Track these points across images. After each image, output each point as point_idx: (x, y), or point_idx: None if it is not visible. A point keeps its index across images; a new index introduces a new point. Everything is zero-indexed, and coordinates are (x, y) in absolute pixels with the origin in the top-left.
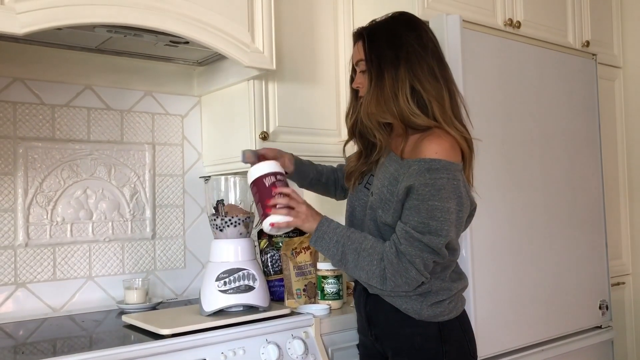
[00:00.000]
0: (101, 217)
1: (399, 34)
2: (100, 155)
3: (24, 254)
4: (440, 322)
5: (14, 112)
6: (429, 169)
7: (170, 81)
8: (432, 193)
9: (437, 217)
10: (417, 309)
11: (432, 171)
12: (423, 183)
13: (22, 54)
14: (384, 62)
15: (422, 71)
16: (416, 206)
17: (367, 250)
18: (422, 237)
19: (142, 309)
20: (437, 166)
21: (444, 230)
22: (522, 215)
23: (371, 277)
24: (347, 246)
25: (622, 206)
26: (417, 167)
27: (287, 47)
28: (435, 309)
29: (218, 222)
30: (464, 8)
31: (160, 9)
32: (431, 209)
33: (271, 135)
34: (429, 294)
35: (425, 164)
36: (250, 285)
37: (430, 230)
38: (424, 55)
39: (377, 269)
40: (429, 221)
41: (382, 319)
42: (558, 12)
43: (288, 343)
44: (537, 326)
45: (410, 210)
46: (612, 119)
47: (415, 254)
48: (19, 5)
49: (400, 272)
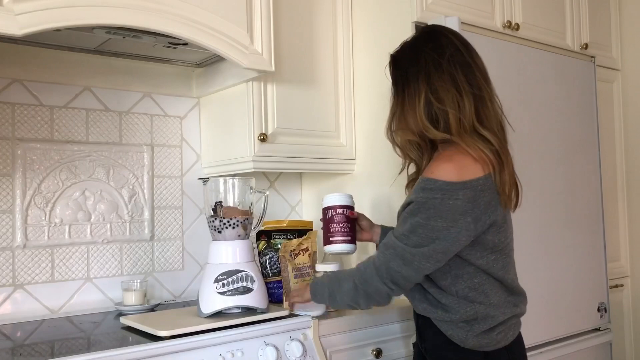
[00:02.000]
0: (99, 219)
1: (418, 48)
2: (98, 156)
3: (22, 256)
4: (486, 351)
5: (12, 113)
6: (423, 188)
7: (169, 83)
8: (420, 210)
9: (418, 233)
10: (462, 337)
11: (426, 191)
12: (416, 199)
13: (21, 55)
14: (405, 80)
15: (440, 81)
16: (404, 219)
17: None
18: (395, 244)
19: (141, 310)
20: (432, 186)
21: (422, 246)
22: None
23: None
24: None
25: (620, 208)
26: (419, 184)
27: (286, 49)
28: (481, 339)
29: (216, 224)
30: (462, 10)
31: (159, 11)
32: (415, 225)
33: (270, 136)
34: (475, 321)
35: (422, 183)
36: (249, 287)
37: (408, 242)
38: (442, 62)
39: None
40: (409, 234)
41: (430, 336)
42: (557, 15)
43: (286, 345)
44: (536, 328)
45: (398, 223)
46: (610, 121)
47: (382, 261)
48: (18, 7)
49: (367, 280)
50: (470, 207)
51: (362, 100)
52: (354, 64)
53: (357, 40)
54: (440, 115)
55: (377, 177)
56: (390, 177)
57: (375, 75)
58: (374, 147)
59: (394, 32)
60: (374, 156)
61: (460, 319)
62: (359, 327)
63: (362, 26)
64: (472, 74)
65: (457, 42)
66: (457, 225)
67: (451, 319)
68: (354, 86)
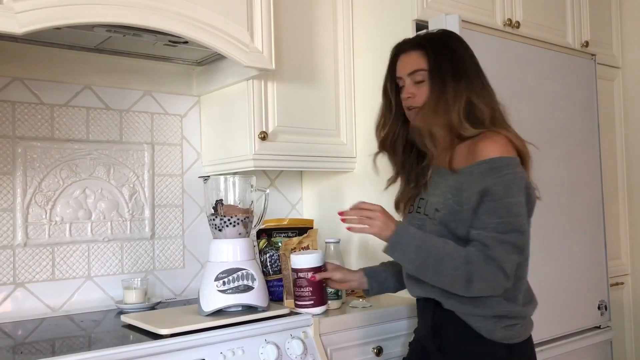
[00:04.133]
0: (100, 217)
1: (454, 48)
2: (99, 155)
3: (22, 254)
4: (510, 344)
5: (12, 111)
6: (492, 168)
7: (170, 81)
8: (504, 191)
9: (515, 214)
10: (490, 329)
11: (496, 169)
12: (492, 183)
13: (21, 53)
14: (447, 74)
15: (477, 85)
16: (492, 207)
17: (450, 254)
18: (507, 237)
19: (141, 308)
20: (500, 164)
21: (524, 225)
22: None
23: (455, 281)
24: (428, 252)
25: (621, 206)
26: (480, 169)
27: (287, 47)
28: (508, 331)
29: (217, 222)
30: (463, 8)
31: (159, 9)
32: (509, 206)
33: (270, 135)
34: (505, 318)
35: (488, 165)
36: (249, 285)
37: (513, 228)
38: (477, 69)
39: (462, 273)
40: (509, 219)
41: (450, 332)
42: (557, 13)
43: (287, 343)
44: (536, 326)
45: (487, 214)
46: (611, 119)
47: (504, 258)
48: (18, 5)
49: (488, 276)
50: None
51: (362, 98)
52: (354, 61)
53: (358, 38)
54: (477, 115)
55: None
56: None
57: (375, 73)
58: (375, 146)
59: (395, 30)
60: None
61: (491, 314)
62: (359, 325)
63: (363, 24)
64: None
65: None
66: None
67: (482, 313)
68: (355, 84)
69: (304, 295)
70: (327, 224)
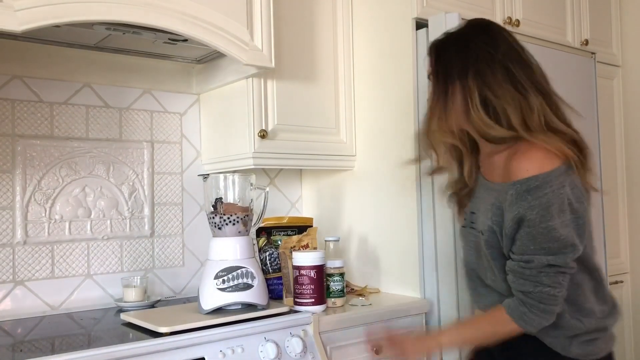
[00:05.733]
0: (100, 215)
1: (468, 39)
2: (98, 153)
3: (22, 252)
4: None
5: (12, 109)
6: (527, 190)
7: (169, 79)
8: (542, 214)
9: (555, 238)
10: (565, 345)
11: (532, 191)
12: (528, 207)
13: (21, 51)
14: (452, 74)
15: (493, 76)
16: (528, 233)
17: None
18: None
19: (141, 307)
20: (536, 183)
21: (567, 247)
22: None
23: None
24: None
25: (620, 204)
26: (515, 191)
27: (286, 45)
28: (586, 347)
29: (217, 220)
30: (463, 6)
31: (159, 7)
32: (547, 231)
33: (270, 133)
34: (584, 333)
35: (522, 186)
36: (249, 283)
37: (551, 252)
38: (496, 57)
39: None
40: (548, 245)
41: (518, 343)
42: (557, 11)
43: (287, 341)
44: None
45: (523, 240)
46: (610, 118)
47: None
48: (18, 3)
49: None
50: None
51: (362, 96)
52: (354, 60)
53: (358, 36)
54: (500, 112)
55: (377, 173)
56: (390, 173)
57: (375, 72)
58: (374, 144)
59: (394, 28)
60: (374, 153)
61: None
62: (359, 324)
63: (363, 22)
64: (532, 72)
65: (512, 39)
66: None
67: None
68: (354, 82)
69: (304, 293)
70: (327, 222)
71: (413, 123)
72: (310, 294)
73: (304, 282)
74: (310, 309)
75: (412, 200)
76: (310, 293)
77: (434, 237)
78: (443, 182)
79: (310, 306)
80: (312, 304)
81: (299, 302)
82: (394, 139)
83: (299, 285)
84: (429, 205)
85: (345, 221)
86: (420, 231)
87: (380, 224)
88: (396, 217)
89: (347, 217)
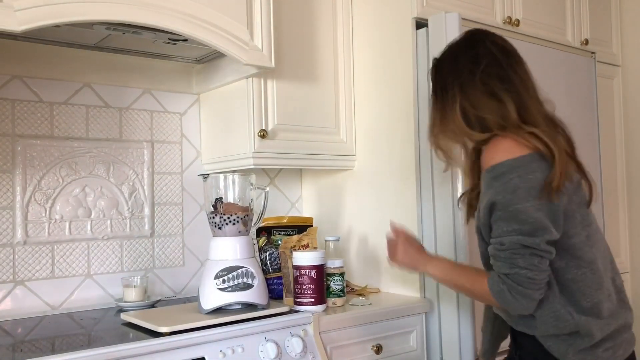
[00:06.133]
0: (100, 215)
1: (458, 56)
2: (98, 153)
3: (22, 252)
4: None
5: (12, 109)
6: (494, 176)
7: (169, 79)
8: (509, 197)
9: (525, 220)
10: (562, 351)
11: (499, 177)
12: (495, 192)
13: (21, 51)
14: (443, 87)
15: (473, 89)
16: (500, 217)
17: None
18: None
19: (141, 306)
20: (502, 170)
21: (538, 230)
22: None
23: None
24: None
25: (620, 204)
26: (484, 180)
27: (286, 45)
28: (584, 355)
29: (217, 220)
30: (463, 6)
31: (158, 7)
32: (516, 213)
33: (270, 133)
34: (577, 335)
35: (490, 174)
36: (249, 283)
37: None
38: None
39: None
40: (519, 226)
41: (526, 344)
42: (557, 10)
43: (287, 341)
44: None
45: (497, 223)
46: (610, 117)
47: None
48: (17, 3)
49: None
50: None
51: (362, 96)
52: (354, 59)
53: (357, 36)
54: (476, 120)
55: (377, 173)
56: (390, 173)
57: (375, 71)
58: (374, 144)
59: (394, 28)
60: (374, 152)
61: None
62: (359, 323)
63: (363, 22)
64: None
65: (496, 50)
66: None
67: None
68: (354, 82)
69: (305, 293)
70: (327, 222)
71: (413, 123)
72: (311, 293)
73: (304, 281)
74: (310, 309)
75: (412, 200)
76: (310, 293)
77: (434, 237)
78: (443, 182)
79: (311, 306)
80: (312, 304)
81: (299, 302)
82: (394, 139)
83: (299, 285)
84: (429, 205)
85: (345, 221)
86: (420, 231)
87: (380, 223)
88: (396, 217)
89: (347, 217)
